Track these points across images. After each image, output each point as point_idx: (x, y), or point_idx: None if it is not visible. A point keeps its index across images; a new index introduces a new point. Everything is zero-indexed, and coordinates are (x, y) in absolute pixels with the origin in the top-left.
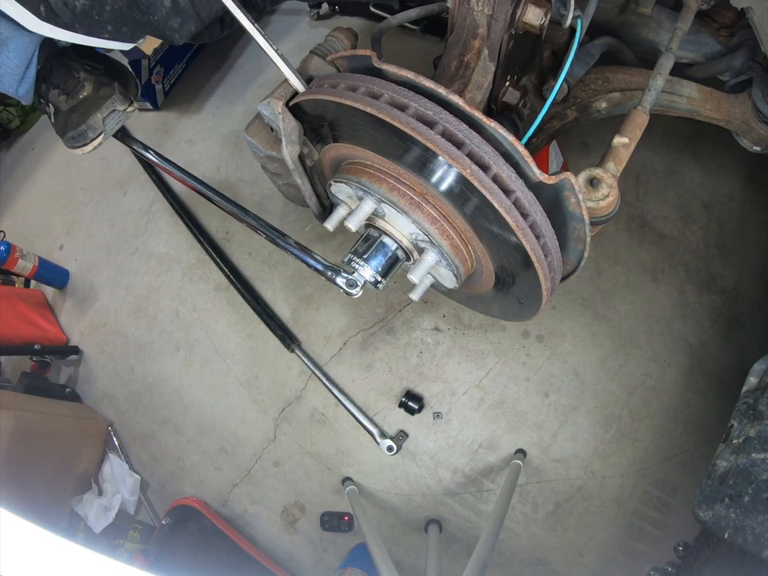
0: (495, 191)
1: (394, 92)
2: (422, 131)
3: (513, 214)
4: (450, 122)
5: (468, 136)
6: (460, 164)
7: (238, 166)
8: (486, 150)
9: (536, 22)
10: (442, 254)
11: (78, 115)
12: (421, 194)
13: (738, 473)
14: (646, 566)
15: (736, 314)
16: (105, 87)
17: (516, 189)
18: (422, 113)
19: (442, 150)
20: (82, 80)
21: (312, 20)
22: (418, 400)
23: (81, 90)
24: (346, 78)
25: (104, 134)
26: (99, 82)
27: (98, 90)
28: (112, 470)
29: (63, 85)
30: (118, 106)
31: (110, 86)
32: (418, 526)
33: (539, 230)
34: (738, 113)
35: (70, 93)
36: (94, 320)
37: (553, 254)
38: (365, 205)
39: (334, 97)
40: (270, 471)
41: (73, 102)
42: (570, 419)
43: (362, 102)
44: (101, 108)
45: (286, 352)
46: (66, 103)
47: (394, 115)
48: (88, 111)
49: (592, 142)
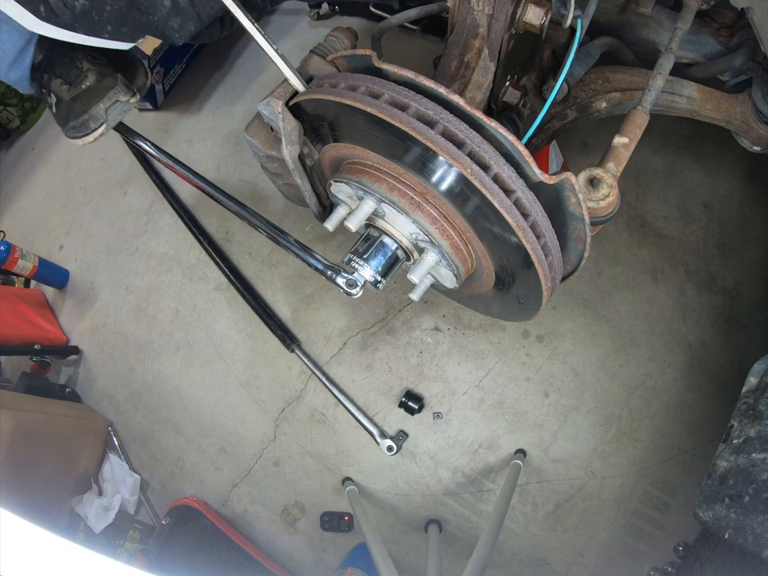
0: (496, 191)
1: (394, 92)
2: (423, 131)
3: (513, 214)
4: (450, 122)
5: (468, 136)
6: (460, 164)
7: (237, 166)
8: (487, 150)
9: (536, 22)
10: (443, 253)
11: (80, 105)
12: (421, 194)
13: (739, 473)
14: (646, 565)
15: (736, 313)
16: (108, 78)
17: (517, 189)
18: (423, 112)
19: (443, 149)
20: (84, 70)
21: (312, 20)
22: (418, 400)
23: (83, 80)
24: (346, 78)
25: (106, 125)
26: (102, 72)
27: (101, 81)
28: (112, 469)
29: (66, 75)
30: (121, 97)
31: (113, 77)
32: (418, 526)
33: (540, 230)
34: (738, 113)
35: (73, 82)
36: (94, 320)
37: (553, 253)
38: (365, 205)
39: (334, 96)
40: (269, 471)
41: (75, 91)
42: (570, 419)
43: (362, 102)
44: (103, 98)
45: (286, 352)
46: (68, 93)
47: (394, 115)
48: (90, 101)
49: (592, 141)
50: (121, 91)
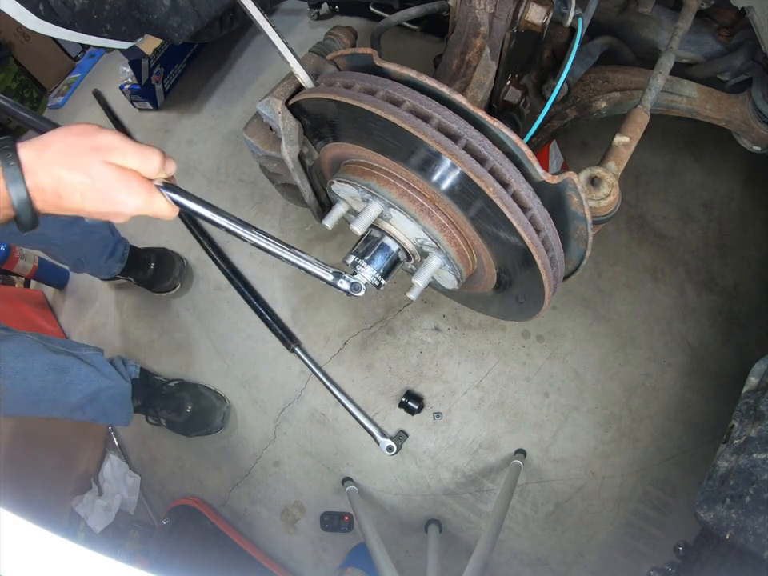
0: (514, 208)
1: (416, 100)
2: (448, 146)
3: (516, 213)
4: (474, 137)
5: (491, 153)
6: (483, 182)
7: (237, 166)
8: (508, 168)
9: (538, 21)
10: (448, 259)
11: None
12: (431, 200)
13: (739, 473)
14: (646, 565)
15: (736, 313)
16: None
17: (533, 206)
18: (446, 125)
19: (467, 166)
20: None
21: (312, 20)
22: (418, 400)
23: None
24: (347, 77)
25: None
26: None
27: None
28: (112, 469)
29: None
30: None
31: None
32: (418, 526)
33: (542, 229)
34: (738, 113)
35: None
36: (94, 320)
37: (556, 253)
38: (371, 208)
39: (341, 96)
40: (269, 471)
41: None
42: (570, 419)
43: (383, 109)
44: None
45: (286, 352)
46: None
47: (418, 127)
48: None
49: (592, 141)
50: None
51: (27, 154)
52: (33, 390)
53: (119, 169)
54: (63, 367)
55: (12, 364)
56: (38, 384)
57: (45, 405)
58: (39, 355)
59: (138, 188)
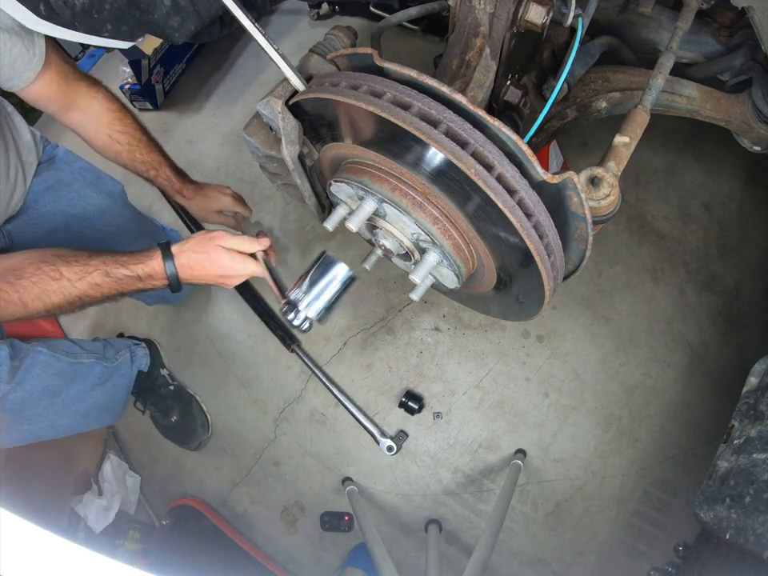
0: (500, 191)
1: (396, 90)
2: (426, 130)
3: (517, 214)
4: (453, 121)
5: (472, 135)
6: (464, 164)
7: (237, 166)
8: (491, 150)
9: (538, 21)
10: (444, 254)
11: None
12: (423, 194)
13: (739, 473)
14: (646, 565)
15: (736, 313)
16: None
17: (520, 189)
18: (426, 111)
19: (447, 149)
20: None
21: (312, 20)
22: (418, 400)
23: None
24: (347, 77)
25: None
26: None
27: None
28: (112, 469)
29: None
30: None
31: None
32: (418, 526)
33: (543, 230)
34: (738, 113)
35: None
36: (94, 320)
37: (556, 253)
38: (366, 205)
39: (334, 95)
40: (269, 471)
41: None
42: (570, 419)
43: (364, 101)
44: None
45: (286, 352)
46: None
47: (397, 114)
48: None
49: (592, 141)
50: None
51: (175, 248)
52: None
53: (227, 249)
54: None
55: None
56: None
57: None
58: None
59: (240, 259)
